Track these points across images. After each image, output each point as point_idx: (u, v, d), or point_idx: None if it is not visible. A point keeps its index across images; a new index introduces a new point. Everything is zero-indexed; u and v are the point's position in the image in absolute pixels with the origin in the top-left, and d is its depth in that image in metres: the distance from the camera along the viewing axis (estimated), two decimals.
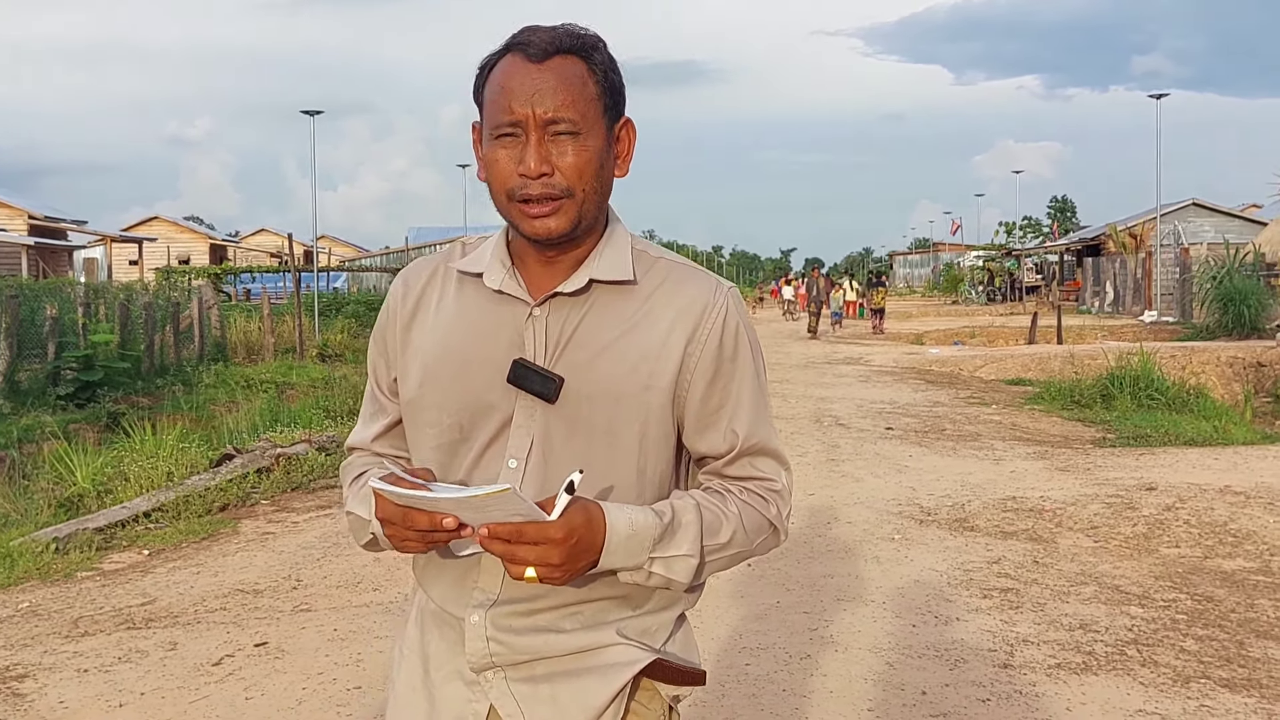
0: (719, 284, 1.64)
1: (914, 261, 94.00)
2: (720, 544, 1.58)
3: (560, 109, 1.51)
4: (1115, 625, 5.10)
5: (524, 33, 1.56)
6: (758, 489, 1.65)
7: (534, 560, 1.41)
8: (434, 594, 1.67)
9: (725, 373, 1.61)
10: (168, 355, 19.67)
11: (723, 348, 1.61)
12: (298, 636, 5.18)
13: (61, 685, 4.60)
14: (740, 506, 1.62)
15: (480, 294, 1.63)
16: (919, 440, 10.80)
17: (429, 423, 1.63)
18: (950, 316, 40.81)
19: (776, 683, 4.47)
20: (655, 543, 1.51)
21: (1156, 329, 27.74)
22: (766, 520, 1.64)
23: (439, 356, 1.62)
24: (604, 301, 1.60)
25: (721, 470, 1.65)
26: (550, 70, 1.52)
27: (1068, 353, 19.26)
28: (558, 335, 1.58)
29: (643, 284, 1.61)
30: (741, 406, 1.63)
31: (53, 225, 41.52)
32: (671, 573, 1.53)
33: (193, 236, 61.91)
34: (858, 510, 7.59)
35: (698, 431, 1.62)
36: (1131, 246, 39.78)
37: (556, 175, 1.52)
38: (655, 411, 1.58)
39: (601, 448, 1.57)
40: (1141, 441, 10.64)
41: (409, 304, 1.68)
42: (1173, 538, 6.67)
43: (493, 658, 1.60)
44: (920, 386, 16.26)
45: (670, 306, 1.60)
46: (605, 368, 1.57)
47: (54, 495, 8.63)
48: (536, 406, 1.57)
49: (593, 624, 1.60)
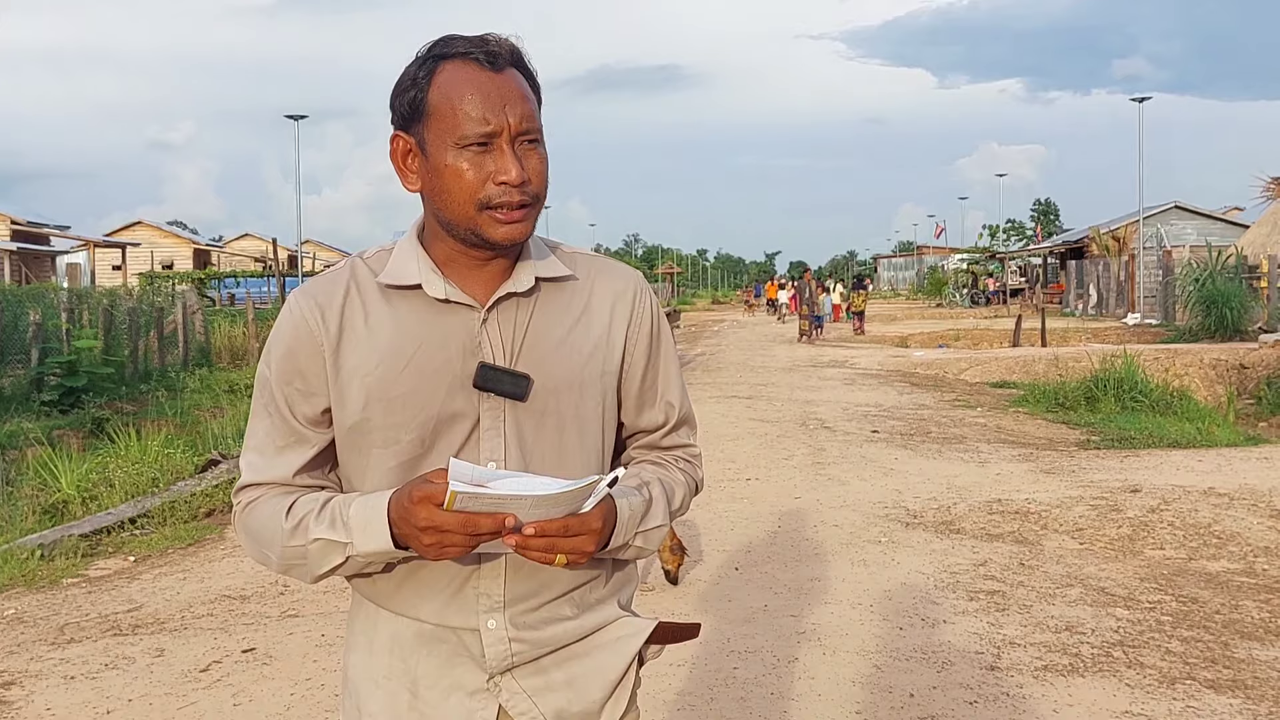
0: (634, 272, 1.76)
1: (898, 264, 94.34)
2: (675, 510, 1.71)
3: (528, 119, 1.55)
4: (1101, 627, 5.13)
5: (470, 40, 1.57)
6: (686, 455, 1.80)
7: (569, 550, 1.45)
8: (424, 614, 1.62)
9: (655, 352, 1.74)
10: (152, 360, 19.58)
11: (653, 330, 1.74)
12: (285, 642, 5.17)
13: (49, 692, 4.58)
14: (680, 473, 1.76)
15: (418, 305, 1.60)
16: (904, 443, 10.83)
17: (383, 443, 1.59)
18: (934, 319, 40.96)
19: (765, 686, 4.48)
20: (640, 519, 1.61)
21: (1139, 331, 27.90)
22: (695, 482, 1.80)
23: (387, 375, 1.58)
24: (548, 298, 1.66)
25: (659, 442, 1.79)
26: (511, 80, 1.56)
27: (1052, 355, 19.36)
28: (512, 335, 1.62)
29: (580, 278, 1.70)
30: (670, 381, 1.77)
31: (35, 230, 41.31)
32: (648, 543, 1.64)
33: (176, 241, 61.68)
34: (844, 513, 7.61)
35: (638, 408, 1.75)
36: (1114, 249, 40.00)
37: (530, 183, 1.56)
38: (610, 395, 1.69)
39: (573, 435, 1.65)
40: (1126, 444, 10.69)
41: (331, 327, 1.60)
42: (1157, 539, 6.71)
43: (514, 658, 1.63)
44: (905, 389, 16.31)
45: (605, 297, 1.70)
46: (564, 359, 1.64)
47: (38, 502, 8.58)
48: (501, 407, 1.60)
49: (589, 605, 1.68)
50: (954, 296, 56.11)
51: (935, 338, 28.94)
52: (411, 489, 1.45)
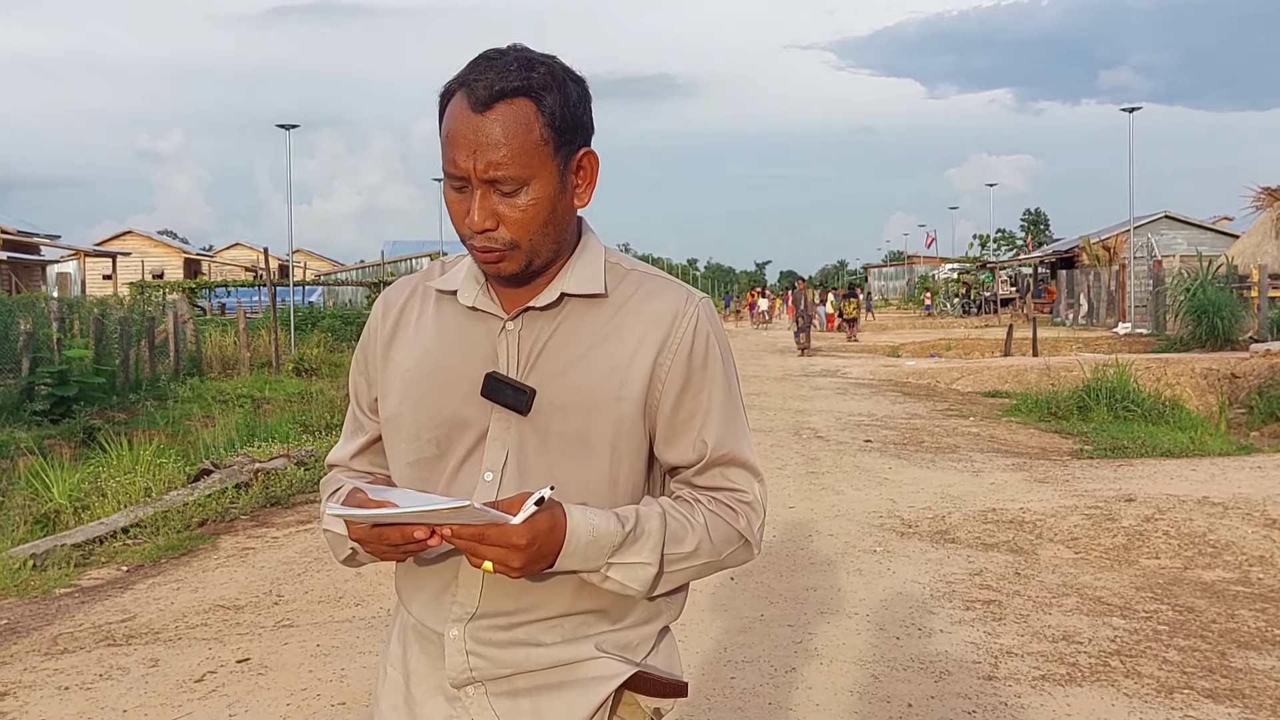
0: (690, 294, 1.65)
1: (889, 274, 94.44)
2: (684, 553, 1.58)
3: (502, 165, 1.49)
4: (1098, 636, 5.13)
5: (476, 67, 1.53)
6: (728, 500, 1.65)
7: (494, 559, 1.44)
8: (414, 609, 1.67)
9: (696, 382, 1.62)
10: (143, 370, 19.52)
11: (693, 357, 1.61)
12: (280, 652, 5.14)
13: (43, 703, 4.55)
14: (708, 516, 1.62)
15: (456, 311, 1.65)
16: (898, 452, 10.84)
17: (406, 439, 1.65)
18: (926, 329, 41.03)
19: (762, 696, 4.47)
20: (615, 549, 1.52)
21: (1130, 341, 27.96)
22: (736, 531, 1.64)
23: (417, 374, 1.64)
24: (576, 314, 1.61)
25: (692, 480, 1.65)
26: (494, 120, 1.49)
27: (1043, 365, 19.38)
28: (530, 348, 1.60)
29: (614, 296, 1.62)
30: (712, 416, 1.63)
31: (25, 240, 41.14)
32: (628, 579, 1.54)
33: (167, 251, 61.56)
34: (839, 523, 7.60)
35: (668, 441, 1.63)
36: (1105, 259, 40.14)
37: (501, 229, 1.52)
38: (627, 422, 1.59)
39: (574, 458, 1.58)
40: (1119, 453, 10.72)
41: (389, 323, 1.71)
42: (1153, 549, 6.72)
43: (473, 672, 1.60)
44: (898, 399, 16.33)
45: (641, 317, 1.61)
46: (576, 379, 1.58)
47: (30, 511, 8.55)
48: (511, 419, 1.58)
49: (573, 637, 1.61)
50: (945, 306, 56.26)
51: (927, 347, 28.99)
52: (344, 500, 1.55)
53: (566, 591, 1.58)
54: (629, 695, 1.65)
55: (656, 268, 1.70)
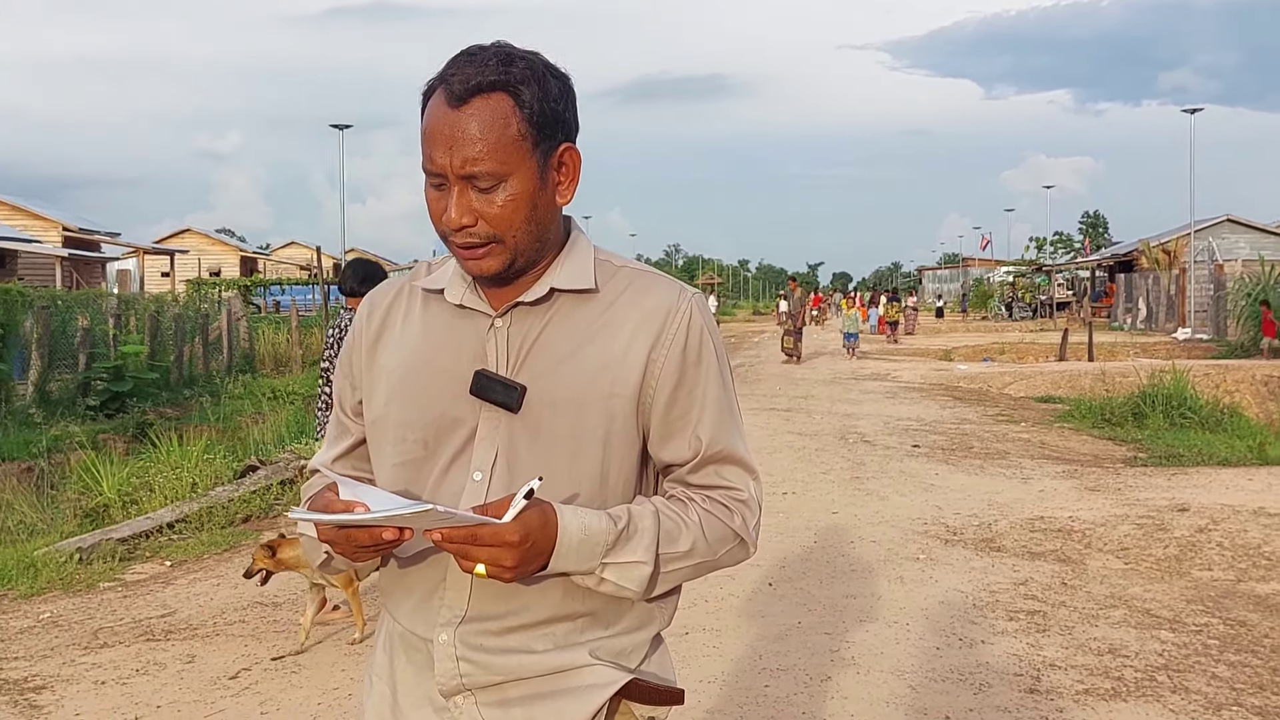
0: (683, 289, 1.62)
1: (943, 276, 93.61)
2: (678, 553, 1.55)
3: (478, 161, 1.47)
4: (1145, 650, 4.99)
5: (455, 63, 1.51)
6: (722, 498, 1.61)
7: (486, 560, 1.40)
8: (400, 616, 1.63)
9: (690, 379, 1.59)
10: (196, 366, 19.80)
11: (687, 353, 1.58)
12: (315, 650, 5.15)
13: (78, 697, 4.59)
14: (702, 515, 1.58)
15: (443, 310, 1.62)
16: (946, 458, 10.69)
17: (393, 441, 1.61)
18: (979, 332, 40.56)
19: (796, 705, 4.39)
20: (608, 549, 1.49)
21: (1190, 346, 27.45)
22: (731, 530, 1.61)
23: (404, 373, 1.61)
24: (566, 310, 1.58)
25: (685, 478, 1.62)
26: (469, 115, 1.47)
27: (1099, 370, 19.07)
28: (519, 345, 1.57)
29: (605, 292, 1.59)
30: (706, 412, 1.60)
31: (86, 237, 41.93)
32: (624, 580, 1.51)
33: (224, 249, 62.49)
34: (882, 529, 7.50)
35: (662, 439, 1.60)
36: (1165, 263, 39.44)
37: (480, 225, 1.50)
38: (619, 419, 1.56)
39: (565, 455, 1.55)
40: (1174, 461, 10.48)
41: (374, 325, 1.68)
42: (1205, 560, 6.55)
43: (463, 679, 1.56)
44: (948, 403, 16.12)
45: (633, 313, 1.58)
46: (567, 375, 1.55)
47: (80, 505, 8.66)
48: (501, 418, 1.55)
49: (565, 644, 1.56)
50: (999, 310, 55.60)
51: (980, 351, 28.63)
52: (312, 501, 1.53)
53: (556, 593, 1.54)
54: (624, 704, 1.61)
55: (712, 271, 1.65)
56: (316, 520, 1.44)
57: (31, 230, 39.03)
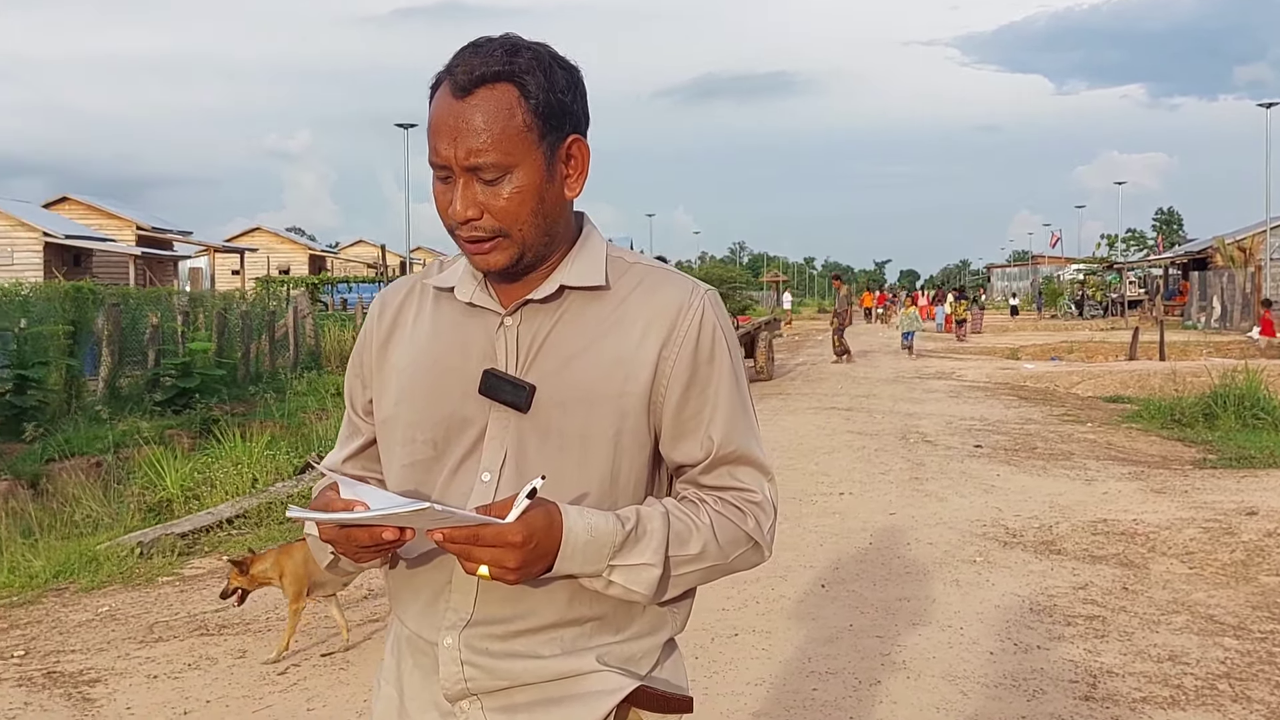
0: (696, 286, 1.58)
1: (1012, 274, 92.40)
2: (689, 555, 1.51)
3: (483, 152, 1.45)
4: (1207, 657, 4.85)
5: (461, 54, 1.49)
6: (735, 500, 1.57)
7: (489, 561, 1.38)
8: (407, 619, 1.61)
9: (702, 377, 1.55)
10: (262, 363, 20.09)
11: (699, 351, 1.55)
12: (364, 647, 5.18)
13: (130, 691, 4.66)
14: (714, 517, 1.55)
15: (453, 308, 1.60)
16: (1008, 459, 10.50)
17: (402, 441, 1.59)
18: (1048, 331, 39.90)
19: (844, 709, 4.33)
20: (616, 550, 1.45)
21: (1265, 346, 26.74)
22: (744, 533, 1.57)
23: (414, 373, 1.59)
24: (576, 308, 1.55)
25: (698, 479, 1.58)
26: (474, 106, 1.45)
27: (1170, 369, 18.63)
28: (529, 343, 1.54)
29: (616, 289, 1.56)
30: (719, 412, 1.56)
31: (160, 236, 42.83)
32: (632, 583, 1.47)
33: (293, 247, 63.41)
34: (939, 531, 7.38)
35: (674, 439, 1.57)
36: (1240, 260, 38.52)
37: (486, 218, 1.48)
38: (630, 418, 1.53)
39: (574, 455, 1.52)
40: (1244, 463, 10.19)
41: (385, 323, 1.66)
42: (1273, 565, 6.35)
43: (468, 683, 1.53)
44: (1012, 403, 15.86)
45: (644, 310, 1.54)
46: (577, 374, 1.52)
47: (144, 500, 8.83)
48: (510, 417, 1.52)
49: (573, 649, 1.53)
50: (1068, 307, 54.68)
51: (1048, 350, 28.13)
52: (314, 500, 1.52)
53: (563, 596, 1.51)
54: (634, 712, 1.57)
55: (775, 269, 1.61)
56: (314, 519, 1.43)
57: (107, 229, 39.97)
